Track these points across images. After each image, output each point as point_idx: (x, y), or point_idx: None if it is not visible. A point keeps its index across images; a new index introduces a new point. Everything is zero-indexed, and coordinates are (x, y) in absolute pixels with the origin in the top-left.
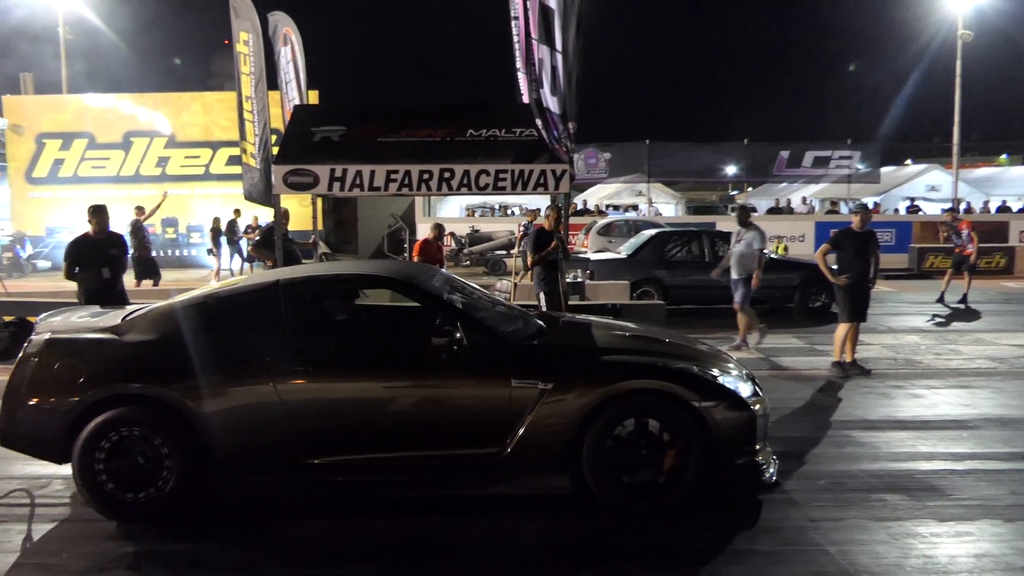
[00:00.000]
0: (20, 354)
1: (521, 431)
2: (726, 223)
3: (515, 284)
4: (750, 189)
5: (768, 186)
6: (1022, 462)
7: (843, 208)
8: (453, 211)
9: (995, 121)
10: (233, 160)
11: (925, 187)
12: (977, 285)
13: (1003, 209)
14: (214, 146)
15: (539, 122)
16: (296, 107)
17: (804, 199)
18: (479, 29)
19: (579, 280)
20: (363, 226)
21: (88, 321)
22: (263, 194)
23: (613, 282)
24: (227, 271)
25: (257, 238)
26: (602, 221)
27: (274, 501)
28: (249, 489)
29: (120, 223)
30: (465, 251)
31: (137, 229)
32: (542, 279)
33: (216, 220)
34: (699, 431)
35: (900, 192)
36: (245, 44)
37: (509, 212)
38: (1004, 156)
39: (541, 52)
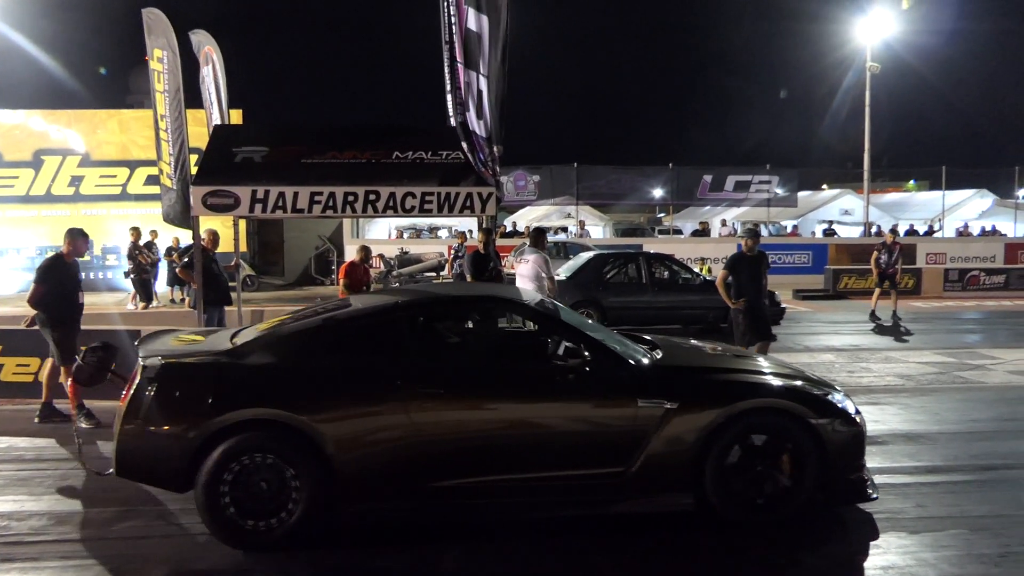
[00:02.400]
0: (135, 381)
1: (647, 450)
2: (654, 245)
3: None
4: (676, 212)
5: (693, 209)
6: (927, 475)
7: (763, 231)
8: (382, 233)
9: (904, 148)
10: (152, 180)
11: (839, 211)
12: (885, 304)
13: (911, 232)
14: (131, 165)
15: (465, 145)
16: (216, 127)
17: (724, 222)
18: (407, 53)
19: None
20: (290, 248)
21: (196, 345)
22: (181, 216)
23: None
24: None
25: (186, 260)
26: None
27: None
28: (373, 514)
29: (34, 243)
30: (394, 273)
31: (134, 248)
32: None
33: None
34: (815, 447)
35: (816, 215)
36: (159, 61)
37: (438, 234)
38: (912, 182)
39: (467, 76)
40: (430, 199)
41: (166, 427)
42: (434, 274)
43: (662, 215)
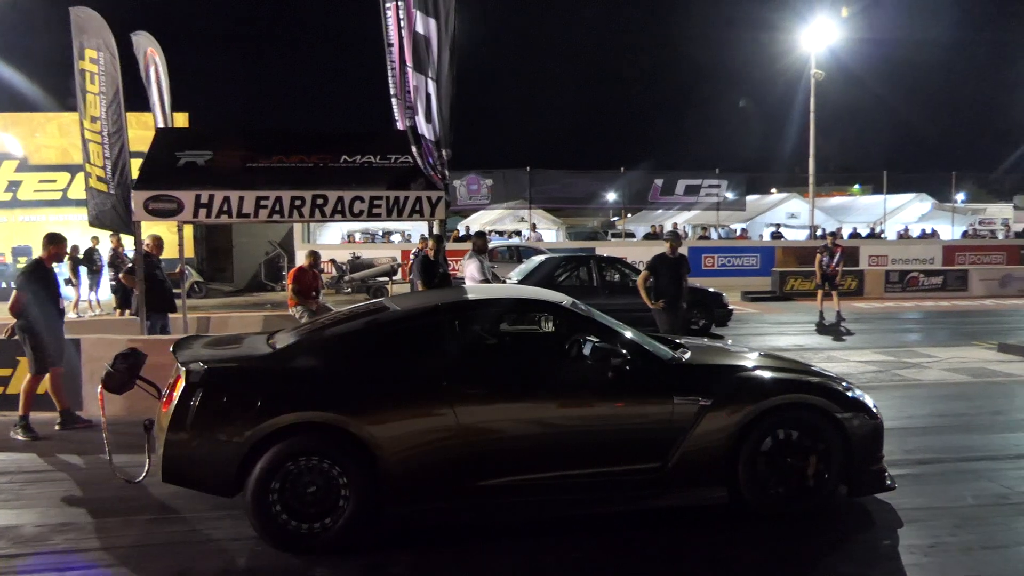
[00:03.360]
0: (177, 387)
1: (683, 446)
2: (607, 248)
3: None
4: (629, 216)
5: (645, 212)
6: None
7: (713, 234)
8: (335, 237)
9: (849, 153)
10: None
11: (786, 214)
12: (829, 305)
13: (854, 235)
14: (72, 170)
15: (414, 149)
16: (159, 130)
17: (675, 225)
18: (354, 56)
19: None
20: (239, 253)
21: (235, 350)
22: (118, 221)
23: None
24: (86, 301)
25: (129, 266)
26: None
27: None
28: (419, 515)
29: None
30: (346, 278)
31: (116, 258)
32: None
33: (75, 248)
34: (840, 440)
35: (764, 219)
36: (92, 62)
37: (391, 239)
38: (856, 186)
39: (415, 79)
40: (379, 203)
41: (215, 432)
42: (387, 279)
43: (616, 219)
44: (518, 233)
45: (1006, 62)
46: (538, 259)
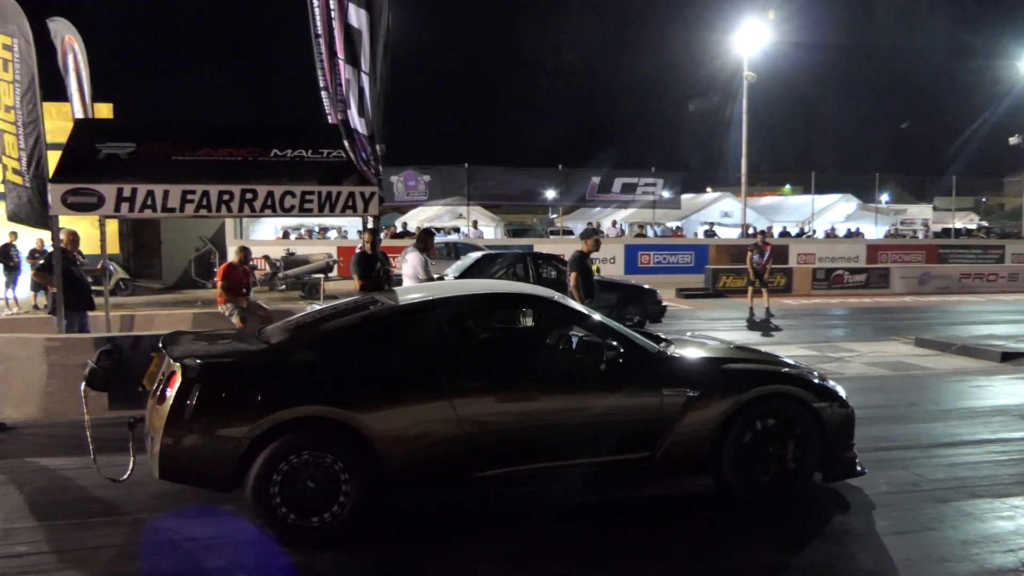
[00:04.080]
0: (173, 384)
1: (671, 436)
2: (545, 245)
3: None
4: (567, 213)
5: (583, 210)
6: None
7: (649, 232)
8: (268, 233)
9: (780, 154)
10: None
11: (720, 213)
12: (759, 302)
13: (784, 234)
14: None
15: (346, 143)
16: (79, 121)
17: (615, 223)
18: (286, 47)
19: None
20: (168, 249)
21: (228, 345)
22: (35, 215)
23: None
24: (2, 299)
25: (41, 263)
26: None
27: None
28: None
29: None
30: (280, 275)
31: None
32: None
33: None
34: (816, 429)
35: (699, 217)
36: (6, 49)
37: (327, 235)
38: (787, 186)
39: (347, 73)
40: (310, 198)
41: (214, 429)
42: (322, 276)
43: (554, 216)
44: (456, 230)
45: (929, 68)
46: (475, 256)
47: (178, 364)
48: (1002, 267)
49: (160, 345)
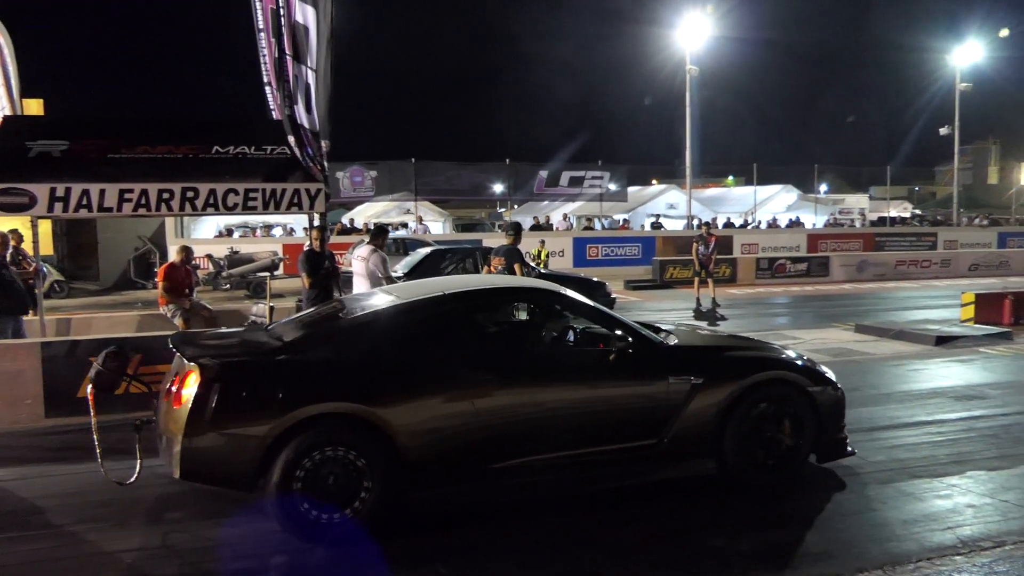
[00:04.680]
0: (196, 383)
1: (677, 422)
2: (494, 240)
3: (271, 308)
4: (516, 207)
5: (532, 204)
6: None
7: (596, 225)
8: (211, 231)
9: (724, 146)
10: None
11: (666, 205)
12: (705, 292)
13: (728, 225)
14: None
15: (292, 139)
16: (6, 118)
17: (565, 216)
18: (230, 42)
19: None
20: (105, 249)
21: (243, 343)
22: None
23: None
24: None
25: None
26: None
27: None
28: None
29: None
30: (224, 274)
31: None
32: (311, 300)
33: None
34: (811, 412)
35: (645, 209)
36: None
37: (272, 232)
38: (731, 178)
39: (295, 69)
40: (255, 196)
41: (235, 427)
42: (267, 274)
43: (502, 210)
44: (404, 225)
45: (864, 62)
46: (424, 251)
47: (196, 364)
48: (935, 253)
49: (171, 346)
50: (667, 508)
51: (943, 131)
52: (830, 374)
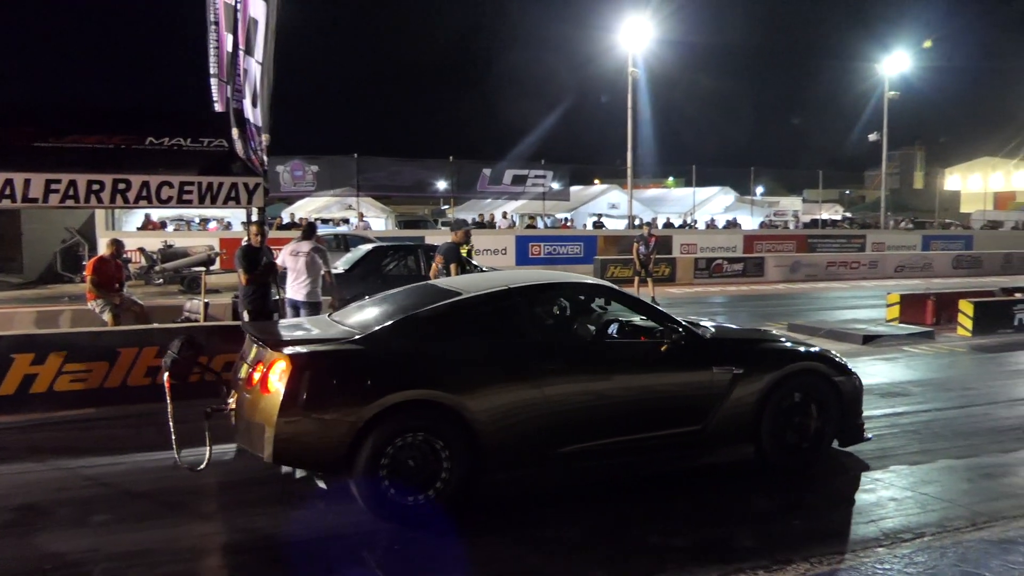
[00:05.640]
0: (287, 372)
1: (720, 409)
2: (436, 237)
3: (206, 304)
4: (459, 205)
5: (475, 201)
6: None
7: (539, 223)
8: (139, 223)
9: (666, 148)
10: None
11: (608, 205)
12: (645, 291)
13: (668, 225)
14: None
15: (236, 132)
16: None
17: (505, 214)
18: (171, 31)
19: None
20: (30, 241)
21: (321, 333)
22: None
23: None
24: None
25: None
26: None
27: None
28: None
29: None
30: (157, 268)
31: None
32: (248, 297)
33: None
34: (836, 400)
35: (587, 209)
36: None
37: (208, 226)
38: (671, 179)
39: (246, 63)
40: (190, 189)
41: (327, 414)
42: (203, 269)
43: (445, 207)
44: (346, 221)
45: (800, 68)
46: (365, 248)
47: (285, 354)
48: (864, 255)
49: (248, 335)
50: (608, 506)
51: (872, 137)
52: (851, 365)
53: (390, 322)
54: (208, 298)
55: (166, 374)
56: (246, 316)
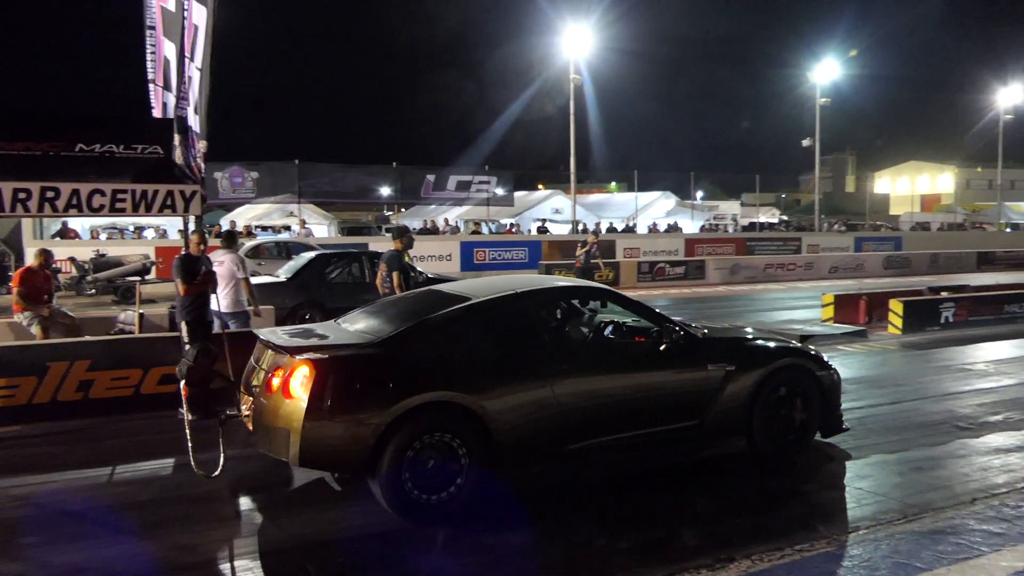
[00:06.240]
0: (311, 377)
1: (715, 404)
2: (381, 243)
3: (141, 315)
4: (403, 211)
5: (419, 207)
6: None
7: (484, 229)
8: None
9: (609, 153)
10: None
11: (551, 210)
12: None
13: (611, 230)
14: None
15: (177, 139)
16: None
17: (447, 220)
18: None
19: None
20: None
21: (337, 338)
22: None
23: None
24: None
25: None
26: (249, 243)
27: None
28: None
29: None
30: (89, 278)
31: None
32: (187, 308)
33: None
34: (819, 393)
35: (532, 214)
36: None
37: (143, 234)
38: (613, 184)
39: (190, 69)
40: (123, 197)
41: (353, 417)
42: (137, 279)
43: (389, 213)
44: (287, 228)
45: (738, 77)
46: (307, 256)
47: (307, 359)
48: (799, 257)
49: (268, 343)
50: (561, 508)
51: (805, 143)
52: (830, 360)
53: (406, 326)
54: (144, 308)
55: (182, 382)
56: (184, 328)
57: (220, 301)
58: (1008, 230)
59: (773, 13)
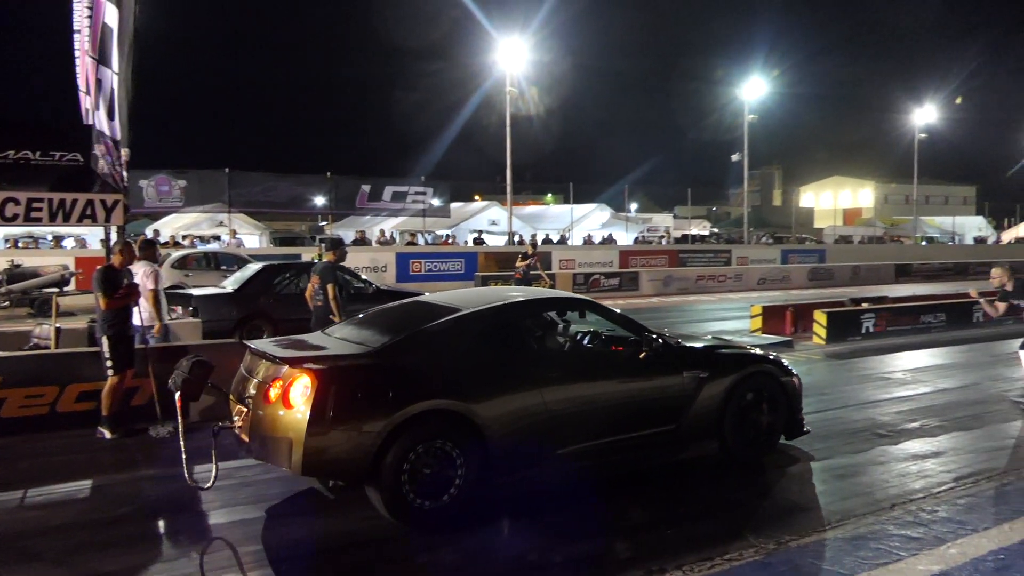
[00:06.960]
0: (311, 387)
1: (690, 410)
2: (313, 254)
3: (58, 328)
4: (337, 222)
5: (354, 218)
6: None
7: (420, 240)
8: None
9: (545, 165)
10: None
11: (488, 221)
12: None
13: (547, 241)
14: None
15: (98, 148)
16: None
17: (382, 231)
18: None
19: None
20: None
21: (333, 349)
22: None
23: (180, 321)
24: None
25: None
26: (177, 253)
27: None
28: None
29: None
30: (3, 290)
31: None
32: (108, 322)
33: None
34: (784, 397)
35: (468, 225)
36: None
37: (63, 244)
38: (549, 196)
39: (100, 73)
40: (39, 206)
41: (355, 425)
42: (55, 291)
43: (323, 224)
44: (217, 238)
45: (669, 91)
46: (254, 267)
47: (308, 369)
48: (730, 269)
49: (262, 354)
50: (492, 522)
51: (735, 157)
52: (792, 366)
53: (401, 336)
54: (61, 322)
55: (177, 393)
56: (105, 342)
57: (141, 314)
58: (923, 243)
59: (705, 30)
